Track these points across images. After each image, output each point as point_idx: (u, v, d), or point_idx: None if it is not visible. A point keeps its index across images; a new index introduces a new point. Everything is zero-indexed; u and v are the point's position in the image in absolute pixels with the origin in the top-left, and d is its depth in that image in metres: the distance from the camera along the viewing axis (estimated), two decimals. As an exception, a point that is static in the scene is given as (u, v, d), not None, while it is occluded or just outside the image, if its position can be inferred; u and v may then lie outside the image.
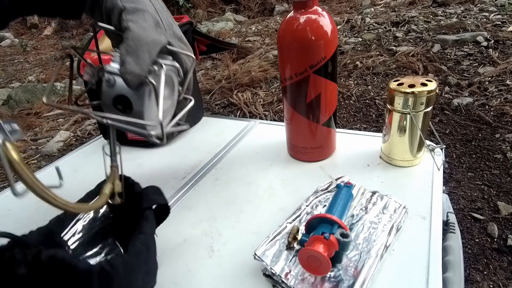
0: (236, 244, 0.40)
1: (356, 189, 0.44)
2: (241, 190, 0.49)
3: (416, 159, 0.49)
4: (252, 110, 2.03)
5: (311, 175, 0.51)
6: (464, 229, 1.15)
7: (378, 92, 2.03)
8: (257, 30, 3.73)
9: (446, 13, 3.00)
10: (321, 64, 0.44)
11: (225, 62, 2.75)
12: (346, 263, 0.34)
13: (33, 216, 0.49)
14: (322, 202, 0.43)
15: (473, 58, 2.17)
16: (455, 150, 1.51)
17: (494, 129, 1.57)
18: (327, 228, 0.32)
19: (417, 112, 0.44)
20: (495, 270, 1.01)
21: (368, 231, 0.37)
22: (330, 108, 0.50)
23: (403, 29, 2.83)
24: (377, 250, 0.34)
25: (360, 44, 2.72)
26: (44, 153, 1.97)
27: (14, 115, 2.44)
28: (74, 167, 0.63)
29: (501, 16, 2.68)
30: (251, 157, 0.58)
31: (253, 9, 4.90)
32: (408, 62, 2.23)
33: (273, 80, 2.37)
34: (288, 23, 0.45)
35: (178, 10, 4.98)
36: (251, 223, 0.43)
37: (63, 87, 2.70)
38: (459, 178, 1.36)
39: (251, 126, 0.69)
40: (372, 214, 0.40)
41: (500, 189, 1.27)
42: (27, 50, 4.60)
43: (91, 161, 0.65)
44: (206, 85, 2.38)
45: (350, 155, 0.54)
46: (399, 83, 0.44)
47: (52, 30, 5.49)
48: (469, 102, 1.77)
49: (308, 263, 0.31)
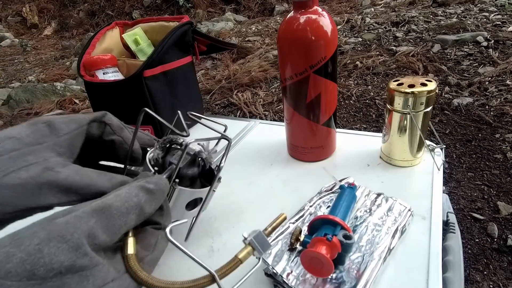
0: (236, 244, 0.40)
1: (360, 190, 0.44)
2: (241, 190, 0.49)
3: (416, 159, 0.49)
4: (252, 110, 2.03)
5: (311, 175, 0.51)
6: (464, 229, 1.15)
7: (378, 92, 2.03)
8: (257, 30, 3.73)
9: (446, 13, 3.00)
10: (321, 64, 0.44)
11: (225, 62, 2.75)
12: (349, 265, 0.34)
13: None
14: (326, 203, 0.42)
15: (473, 58, 2.18)
16: (455, 150, 1.51)
17: (494, 129, 1.57)
18: (330, 229, 0.32)
19: (417, 112, 0.44)
20: (495, 270, 1.01)
21: (372, 233, 0.37)
22: (330, 108, 0.50)
23: (403, 29, 2.83)
24: (380, 253, 0.34)
25: (360, 44, 2.72)
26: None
27: (14, 115, 2.44)
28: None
29: (501, 16, 2.68)
30: (251, 157, 0.58)
31: (253, 9, 4.90)
32: (408, 62, 2.23)
33: (273, 80, 2.37)
34: (288, 23, 0.45)
35: (178, 10, 4.98)
36: (251, 223, 0.43)
37: (63, 87, 2.70)
38: (459, 178, 1.36)
39: (251, 126, 0.69)
40: (376, 216, 0.39)
41: (500, 189, 1.27)
42: (27, 50, 4.60)
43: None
44: (206, 85, 2.38)
45: (350, 155, 0.54)
46: (399, 83, 0.44)
47: (52, 30, 5.49)
48: (469, 102, 1.77)
49: (310, 265, 0.31)
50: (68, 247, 0.20)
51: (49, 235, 0.20)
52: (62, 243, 0.20)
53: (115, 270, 0.23)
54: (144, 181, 0.26)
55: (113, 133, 0.32)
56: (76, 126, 0.29)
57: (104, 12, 5.44)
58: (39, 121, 0.27)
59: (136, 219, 0.24)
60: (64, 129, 0.28)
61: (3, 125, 2.33)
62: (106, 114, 0.32)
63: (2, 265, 0.18)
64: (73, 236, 0.20)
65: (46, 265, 0.19)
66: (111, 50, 0.68)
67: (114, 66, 0.63)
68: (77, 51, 4.16)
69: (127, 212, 0.23)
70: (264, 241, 0.29)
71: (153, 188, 0.26)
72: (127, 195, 0.24)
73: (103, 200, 0.23)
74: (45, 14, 5.71)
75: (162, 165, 0.34)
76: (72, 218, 0.21)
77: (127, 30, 0.70)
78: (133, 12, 5.26)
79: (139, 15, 5.17)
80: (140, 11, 5.26)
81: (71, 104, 2.45)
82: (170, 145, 0.35)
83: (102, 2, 5.51)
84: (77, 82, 2.94)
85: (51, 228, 0.20)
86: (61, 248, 0.20)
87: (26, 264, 0.19)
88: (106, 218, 0.22)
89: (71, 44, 4.61)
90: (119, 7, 5.41)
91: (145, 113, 0.32)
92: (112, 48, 0.69)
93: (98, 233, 0.22)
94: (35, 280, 0.19)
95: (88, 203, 0.23)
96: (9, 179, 0.23)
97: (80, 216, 0.21)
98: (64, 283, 0.20)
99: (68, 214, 0.21)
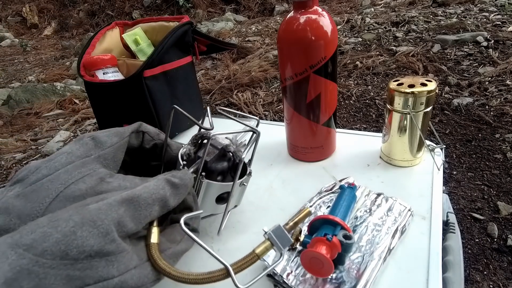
0: (236, 244, 0.40)
1: (360, 190, 0.44)
2: (241, 190, 0.49)
3: (416, 159, 0.49)
4: (252, 110, 2.03)
5: (311, 175, 0.51)
6: (464, 229, 1.15)
7: (378, 92, 2.03)
8: (257, 30, 3.73)
9: (446, 13, 3.00)
10: (321, 64, 0.44)
11: (225, 62, 2.75)
12: (349, 265, 0.34)
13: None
14: (326, 203, 0.42)
15: (473, 58, 2.17)
16: (455, 150, 1.51)
17: (494, 129, 1.57)
18: (329, 229, 0.32)
19: (417, 112, 0.44)
20: (495, 270, 1.01)
21: (372, 234, 0.37)
22: (330, 108, 0.50)
23: (403, 29, 2.83)
24: (380, 253, 0.34)
25: (360, 44, 2.72)
26: (44, 153, 1.97)
27: (14, 115, 2.44)
28: (74, 167, 0.63)
29: (501, 16, 2.68)
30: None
31: (253, 9, 4.90)
32: (408, 62, 2.23)
33: (273, 80, 2.37)
34: (288, 23, 0.45)
35: (178, 10, 4.98)
36: (251, 223, 0.43)
37: (63, 87, 2.70)
38: (459, 178, 1.36)
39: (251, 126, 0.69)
40: (376, 216, 0.39)
41: (500, 189, 1.27)
42: (27, 50, 4.60)
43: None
44: (206, 85, 2.38)
45: (350, 155, 0.54)
46: (399, 83, 0.44)
47: (52, 30, 5.49)
48: (469, 102, 1.77)
49: (310, 265, 0.31)
50: (98, 232, 0.21)
51: (83, 220, 0.21)
52: (93, 227, 0.21)
53: (138, 257, 0.24)
54: (170, 175, 0.27)
55: (153, 139, 0.35)
56: (118, 139, 0.31)
57: (104, 12, 5.44)
58: (84, 136, 0.30)
59: (159, 210, 0.26)
60: (108, 142, 0.30)
61: (3, 125, 2.33)
62: (141, 124, 0.34)
63: (39, 243, 0.20)
64: (103, 223, 0.22)
65: (79, 247, 0.21)
66: (111, 50, 0.68)
67: (114, 66, 0.63)
68: (77, 51, 4.16)
69: (152, 203, 0.25)
70: (284, 236, 0.28)
71: (178, 182, 0.27)
72: (154, 187, 0.25)
73: (132, 190, 0.24)
74: (45, 14, 5.71)
75: (194, 160, 0.34)
76: (104, 205, 0.22)
77: (127, 30, 0.70)
78: (133, 12, 5.26)
79: (139, 15, 5.17)
80: (140, 11, 5.26)
81: (71, 104, 2.45)
82: (201, 141, 0.35)
83: (102, 2, 5.51)
84: (77, 82, 2.94)
85: (85, 213, 0.22)
86: (92, 233, 0.21)
87: (61, 244, 0.20)
88: (134, 208, 0.24)
89: (71, 44, 4.61)
90: (119, 7, 5.41)
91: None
92: (112, 48, 0.69)
93: (126, 221, 0.23)
94: (67, 260, 0.20)
95: (118, 192, 0.24)
96: (70, 191, 0.25)
97: (111, 203, 0.23)
98: (92, 266, 0.21)
99: (101, 201, 0.23)
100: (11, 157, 1.96)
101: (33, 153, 1.98)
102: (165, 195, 0.26)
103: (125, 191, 0.24)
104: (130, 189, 0.25)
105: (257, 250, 0.27)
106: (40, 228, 0.20)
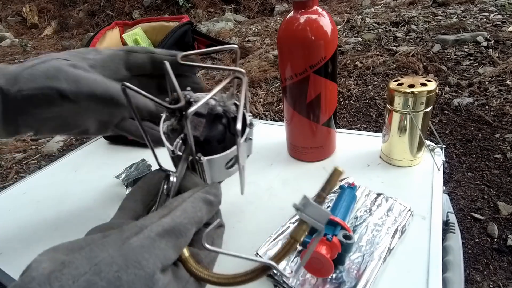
0: (236, 244, 0.40)
1: (360, 190, 0.44)
2: (241, 190, 0.49)
3: (416, 159, 0.49)
4: (252, 110, 2.03)
5: (311, 175, 0.51)
6: (464, 229, 1.15)
7: (378, 92, 2.03)
8: (257, 30, 3.73)
9: (446, 13, 3.00)
10: (321, 64, 0.44)
11: (225, 62, 2.75)
12: (349, 265, 0.34)
13: (33, 215, 0.50)
14: (326, 203, 0.43)
15: (473, 58, 2.18)
16: (455, 150, 1.51)
17: (494, 129, 1.57)
18: (330, 229, 0.32)
19: (417, 112, 0.44)
20: (495, 270, 1.01)
21: (372, 234, 0.37)
22: (330, 108, 0.50)
23: (403, 29, 2.83)
24: (380, 253, 0.34)
25: (360, 44, 2.72)
26: (44, 153, 1.97)
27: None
28: (74, 167, 0.63)
29: (501, 16, 2.68)
30: (251, 157, 0.57)
31: (253, 9, 4.90)
32: (408, 62, 2.23)
33: (273, 80, 2.37)
34: (288, 23, 0.45)
35: (178, 10, 4.98)
36: (251, 223, 0.43)
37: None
38: (459, 178, 1.36)
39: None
40: (376, 216, 0.39)
41: (500, 189, 1.27)
42: (27, 50, 4.59)
43: (91, 161, 0.65)
44: (206, 85, 2.38)
45: (350, 155, 0.54)
46: (399, 83, 0.44)
47: (52, 30, 5.49)
48: (469, 102, 1.77)
49: (311, 265, 0.31)
50: (145, 274, 0.20)
51: (126, 262, 0.20)
52: (138, 269, 0.20)
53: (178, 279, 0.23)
54: (204, 192, 0.27)
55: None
56: (112, 51, 0.35)
57: (104, 12, 5.44)
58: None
59: (195, 230, 0.25)
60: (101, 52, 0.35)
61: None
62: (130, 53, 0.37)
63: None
64: (148, 262, 0.20)
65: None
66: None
67: (114, 66, 0.63)
68: (77, 51, 4.15)
69: (191, 228, 0.24)
70: (319, 210, 0.24)
71: (213, 200, 0.27)
72: (192, 210, 0.24)
73: (172, 217, 0.23)
74: (45, 14, 5.71)
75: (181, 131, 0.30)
76: (146, 241, 0.21)
77: (127, 30, 0.70)
78: (133, 12, 5.26)
79: (139, 15, 5.17)
80: (140, 11, 5.26)
81: (71, 104, 2.45)
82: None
83: (102, 2, 5.51)
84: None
85: (127, 252, 0.20)
86: (138, 275, 0.20)
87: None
88: (175, 237, 0.23)
89: (71, 44, 4.61)
90: (119, 7, 5.41)
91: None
92: (112, 48, 0.69)
93: (169, 254, 0.22)
94: None
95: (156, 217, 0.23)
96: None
97: (153, 238, 0.21)
98: None
99: (141, 232, 0.21)
100: (11, 157, 1.96)
101: (33, 153, 1.98)
102: (202, 217, 0.25)
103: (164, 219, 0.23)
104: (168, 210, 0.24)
105: (294, 233, 0.24)
106: (82, 276, 0.19)
